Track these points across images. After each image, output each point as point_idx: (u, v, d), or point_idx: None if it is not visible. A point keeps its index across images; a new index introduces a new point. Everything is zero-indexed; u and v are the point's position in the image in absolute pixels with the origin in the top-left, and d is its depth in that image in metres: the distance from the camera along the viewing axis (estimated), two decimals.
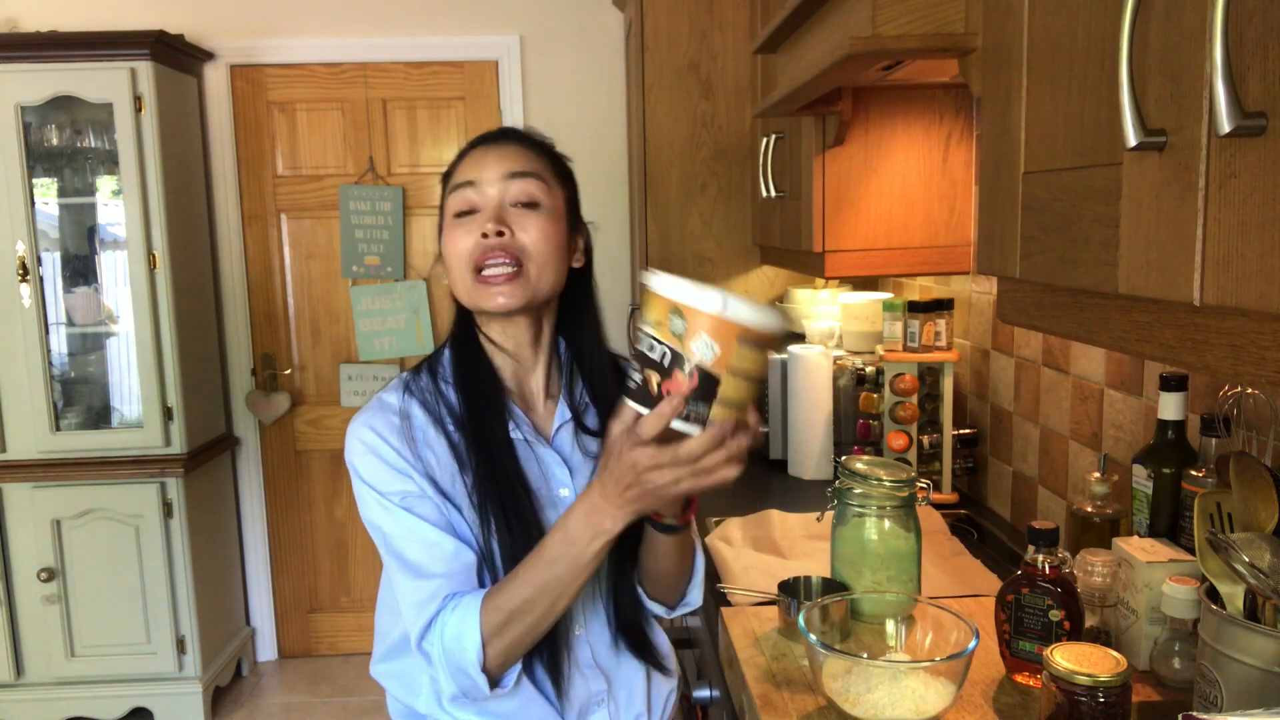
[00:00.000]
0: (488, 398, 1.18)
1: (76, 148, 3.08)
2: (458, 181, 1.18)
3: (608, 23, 3.37)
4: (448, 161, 1.24)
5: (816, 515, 1.55)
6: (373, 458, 1.14)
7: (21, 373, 2.97)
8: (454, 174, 1.20)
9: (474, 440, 1.15)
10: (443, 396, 1.19)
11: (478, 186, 1.16)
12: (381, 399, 1.20)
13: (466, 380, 1.19)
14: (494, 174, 1.16)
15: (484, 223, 1.14)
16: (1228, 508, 1.02)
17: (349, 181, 3.42)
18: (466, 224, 1.16)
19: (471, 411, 1.17)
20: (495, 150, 1.19)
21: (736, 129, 2.71)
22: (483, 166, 1.18)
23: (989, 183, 1.03)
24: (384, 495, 1.13)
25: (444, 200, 1.21)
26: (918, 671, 1.07)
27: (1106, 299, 0.82)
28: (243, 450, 3.53)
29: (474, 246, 1.14)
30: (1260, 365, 0.64)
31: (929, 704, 1.05)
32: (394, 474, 1.14)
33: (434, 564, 1.11)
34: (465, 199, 1.16)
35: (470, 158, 1.20)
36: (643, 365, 0.91)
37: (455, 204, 1.17)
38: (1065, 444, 1.68)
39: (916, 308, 1.98)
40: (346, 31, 3.35)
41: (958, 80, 1.68)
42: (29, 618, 3.07)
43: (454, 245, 1.16)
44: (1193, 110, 0.66)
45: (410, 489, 1.13)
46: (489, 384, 1.19)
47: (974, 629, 1.09)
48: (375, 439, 1.15)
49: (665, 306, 0.89)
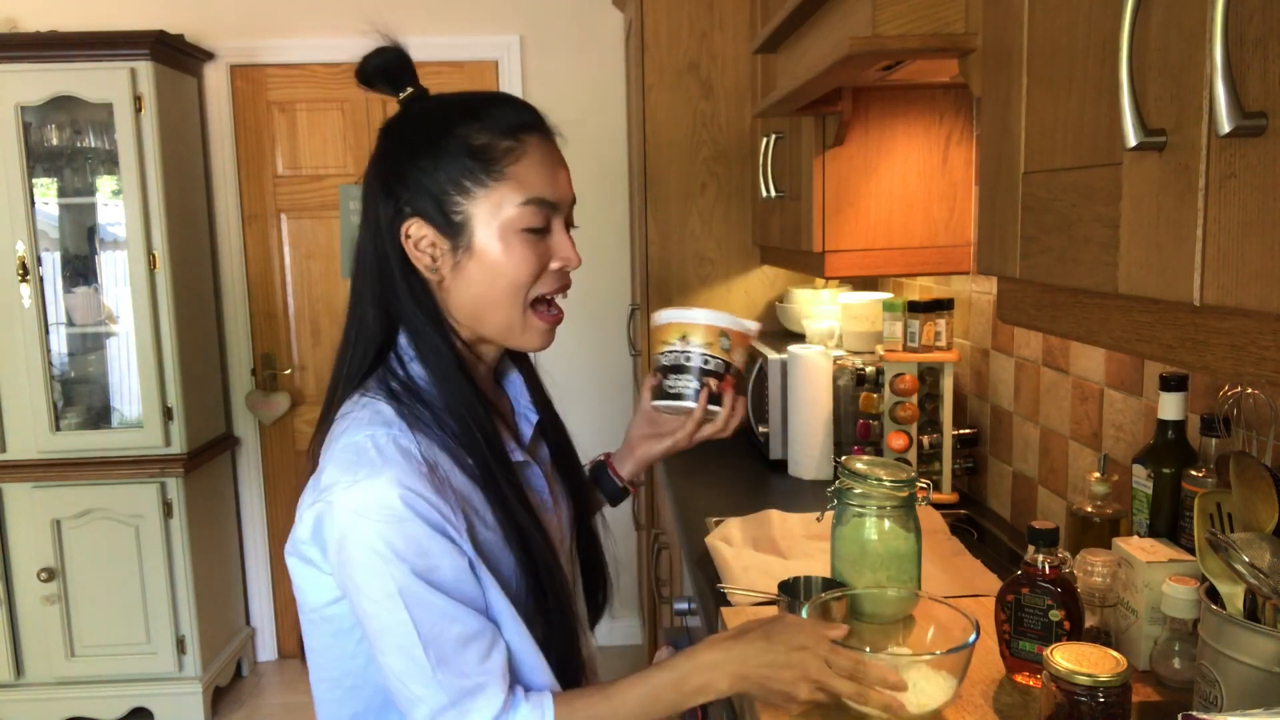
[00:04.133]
0: (487, 421, 1.03)
1: (76, 148, 3.08)
2: (544, 197, 1.00)
3: (608, 23, 3.37)
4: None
5: (816, 515, 1.55)
6: (412, 522, 0.91)
7: (21, 373, 2.97)
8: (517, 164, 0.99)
9: (487, 474, 1.00)
10: (447, 428, 1.00)
11: (559, 210, 1.03)
12: (394, 442, 0.94)
13: (459, 404, 1.01)
14: (568, 199, 1.04)
15: (571, 258, 1.03)
16: (1228, 508, 1.02)
17: (349, 181, 3.42)
18: (535, 243, 1.00)
19: (474, 441, 1.01)
20: (557, 156, 1.04)
21: (736, 129, 2.71)
22: (561, 185, 1.03)
23: (989, 183, 1.03)
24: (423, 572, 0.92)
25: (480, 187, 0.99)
26: (919, 665, 1.07)
27: (1106, 299, 0.82)
28: (243, 450, 3.53)
29: (546, 277, 1.02)
30: (1260, 365, 0.64)
31: (930, 697, 1.05)
32: (439, 540, 0.93)
33: (472, 660, 0.93)
34: (545, 218, 1.01)
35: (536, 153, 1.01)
36: (700, 375, 1.19)
37: (530, 217, 1.00)
38: (1065, 444, 1.68)
39: (916, 308, 1.97)
40: (346, 31, 3.34)
41: (958, 80, 1.68)
42: (29, 618, 3.07)
43: (518, 265, 0.99)
44: (1193, 110, 0.66)
45: (455, 559, 0.94)
46: (484, 405, 1.04)
47: (974, 622, 1.09)
48: (413, 497, 0.91)
49: (715, 333, 1.19)
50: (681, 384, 1.20)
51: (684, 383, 1.20)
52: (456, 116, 1.00)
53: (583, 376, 3.44)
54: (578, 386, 3.40)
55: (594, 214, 3.36)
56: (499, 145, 0.99)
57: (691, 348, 1.20)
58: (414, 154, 1.00)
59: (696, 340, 1.20)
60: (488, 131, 0.99)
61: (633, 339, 2.95)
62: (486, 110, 1.01)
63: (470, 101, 1.03)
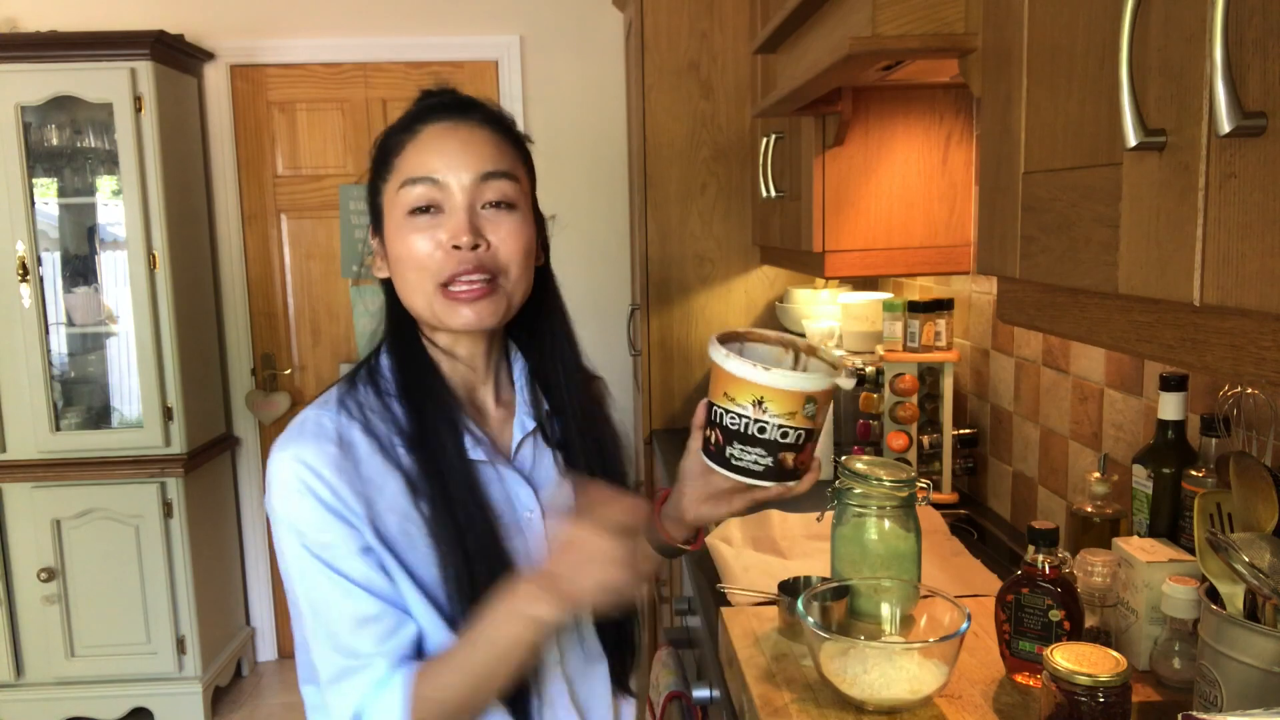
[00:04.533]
0: (441, 414, 1.02)
1: (76, 148, 3.08)
2: (415, 175, 0.99)
3: (608, 23, 3.37)
4: None
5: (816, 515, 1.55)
6: (305, 498, 0.95)
7: (21, 373, 2.97)
8: (403, 153, 1.01)
9: (428, 465, 0.99)
10: (390, 414, 1.01)
11: (442, 186, 0.99)
12: (315, 421, 0.99)
13: (414, 394, 1.02)
14: (466, 174, 0.99)
15: (457, 232, 0.98)
16: (1228, 508, 1.02)
17: (349, 181, 3.42)
18: (427, 225, 0.99)
19: (423, 431, 1.01)
20: (460, 134, 1.01)
21: (736, 129, 2.71)
22: (448, 158, 0.99)
23: (989, 183, 1.03)
24: (313, 547, 0.95)
25: (384, 184, 1.02)
26: (911, 652, 1.09)
27: (1106, 299, 0.82)
28: (243, 450, 3.53)
29: (441, 258, 0.98)
30: (1260, 365, 0.64)
31: (923, 684, 1.08)
32: (331, 520, 0.95)
33: (367, 641, 0.95)
34: (425, 196, 0.99)
35: (427, 138, 1.00)
36: (773, 450, 0.96)
37: (410, 199, 0.99)
38: (1065, 444, 1.68)
39: (916, 308, 1.97)
40: (346, 31, 3.35)
41: (958, 80, 1.68)
42: (29, 618, 3.07)
43: (411, 250, 0.99)
44: (1193, 110, 0.66)
45: (348, 541, 0.95)
46: (441, 398, 1.03)
47: (966, 612, 1.11)
48: (308, 475, 0.95)
49: (800, 400, 0.95)
50: (750, 458, 0.97)
51: (753, 456, 0.97)
52: (390, 127, 1.05)
53: None
54: None
55: (594, 214, 3.36)
56: (395, 139, 1.03)
57: (769, 418, 0.95)
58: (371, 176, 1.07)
59: (775, 410, 0.95)
60: (394, 129, 1.04)
61: (633, 339, 2.95)
62: (407, 112, 1.05)
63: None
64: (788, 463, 0.97)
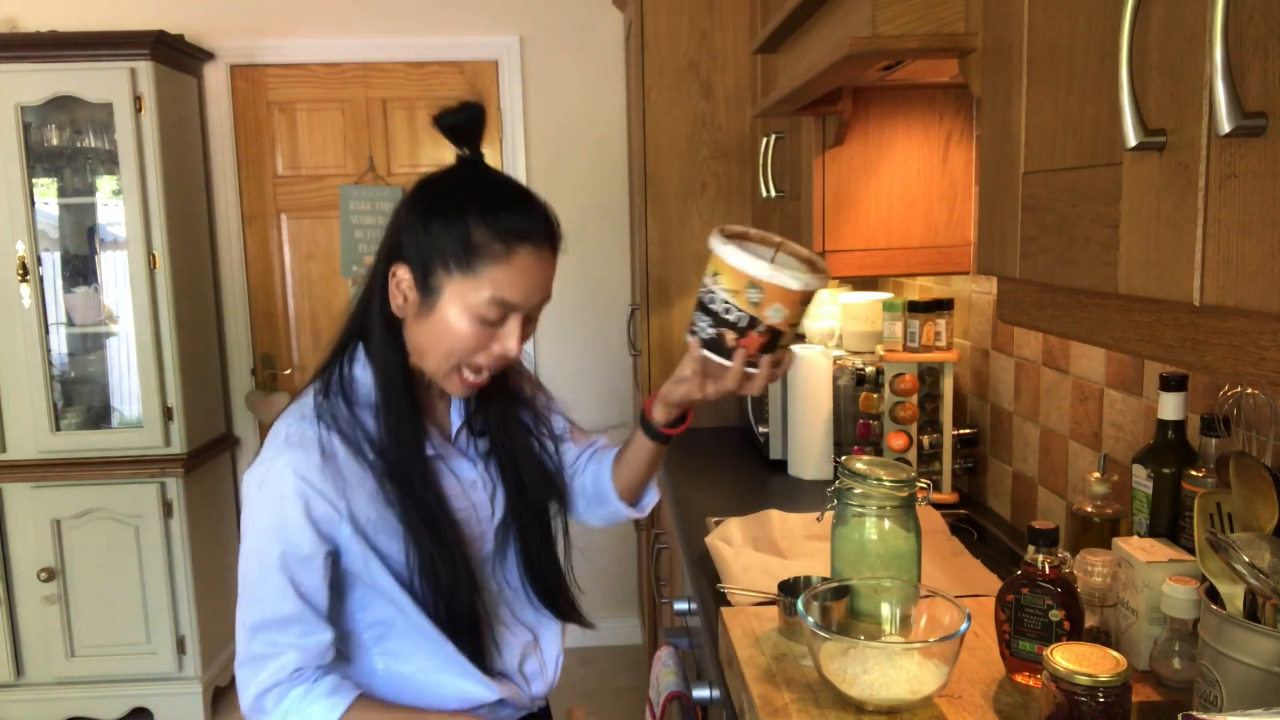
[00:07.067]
0: (413, 430, 1.16)
1: (76, 148, 3.08)
2: (505, 299, 1.09)
3: (608, 23, 3.37)
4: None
5: (816, 515, 1.55)
6: (294, 506, 1.08)
7: (21, 373, 2.97)
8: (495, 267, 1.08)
9: (397, 471, 1.14)
10: (359, 423, 1.14)
11: (519, 310, 1.11)
12: (300, 433, 1.12)
13: (394, 412, 1.15)
14: (536, 299, 1.12)
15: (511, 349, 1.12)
16: (1228, 508, 1.02)
17: (349, 181, 3.42)
18: (484, 332, 1.11)
19: (394, 443, 1.14)
20: (544, 269, 1.12)
21: (736, 129, 2.71)
22: (531, 291, 1.11)
23: (989, 183, 1.03)
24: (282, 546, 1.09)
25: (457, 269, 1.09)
26: (911, 652, 1.10)
27: (1106, 299, 0.82)
28: (243, 450, 3.53)
29: (481, 356, 1.12)
30: (1260, 365, 0.64)
31: (923, 684, 1.08)
32: (308, 531, 1.10)
33: (289, 635, 1.12)
34: (502, 313, 1.10)
35: (521, 264, 1.09)
36: (717, 323, 1.06)
37: (489, 311, 1.09)
38: (1065, 444, 1.68)
39: (916, 308, 1.97)
40: (346, 31, 3.35)
41: (958, 80, 1.68)
42: (29, 618, 3.07)
43: (460, 339, 1.10)
44: (1193, 110, 0.66)
45: (316, 550, 1.10)
46: (415, 415, 1.17)
47: (966, 612, 1.11)
48: (304, 486, 1.09)
49: (743, 280, 1.03)
50: (700, 325, 1.10)
51: (703, 324, 1.09)
52: (473, 204, 1.10)
53: (583, 376, 3.43)
54: (578, 386, 3.39)
55: (594, 214, 3.36)
56: (490, 247, 1.09)
57: (717, 289, 1.07)
58: (428, 215, 1.12)
59: (724, 285, 1.06)
60: (489, 230, 1.09)
61: (633, 339, 2.95)
62: (501, 209, 1.11)
63: (494, 193, 1.13)
64: (726, 340, 1.07)
